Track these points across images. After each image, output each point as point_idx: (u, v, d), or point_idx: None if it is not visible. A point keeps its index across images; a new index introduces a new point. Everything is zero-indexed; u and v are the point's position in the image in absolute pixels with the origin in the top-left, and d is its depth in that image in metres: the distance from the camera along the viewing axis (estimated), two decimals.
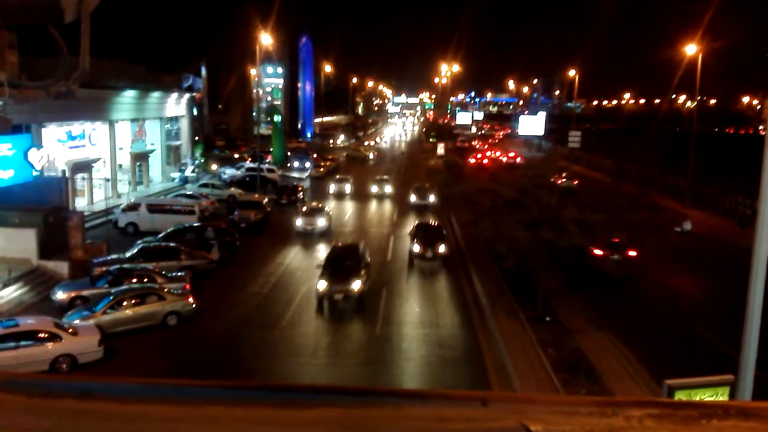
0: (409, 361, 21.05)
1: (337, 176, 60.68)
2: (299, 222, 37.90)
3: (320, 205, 41.69)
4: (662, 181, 56.16)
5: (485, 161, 73.01)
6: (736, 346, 10.60)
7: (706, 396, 11.03)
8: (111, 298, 22.64)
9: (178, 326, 23.02)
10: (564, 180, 35.68)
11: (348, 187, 55.51)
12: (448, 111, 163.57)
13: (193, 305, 23.91)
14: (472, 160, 73.35)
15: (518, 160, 71.31)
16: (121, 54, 53.03)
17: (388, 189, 55.29)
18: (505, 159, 77.12)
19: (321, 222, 38.09)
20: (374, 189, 55.30)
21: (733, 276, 27.03)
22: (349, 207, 50.33)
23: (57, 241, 29.06)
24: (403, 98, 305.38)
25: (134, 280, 24.80)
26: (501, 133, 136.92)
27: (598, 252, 28.24)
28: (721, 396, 11.03)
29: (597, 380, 18.80)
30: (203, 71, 76.06)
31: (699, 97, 59.50)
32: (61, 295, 24.56)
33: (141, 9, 76.02)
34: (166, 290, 23.88)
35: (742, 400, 10.68)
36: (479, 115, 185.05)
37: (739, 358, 10.63)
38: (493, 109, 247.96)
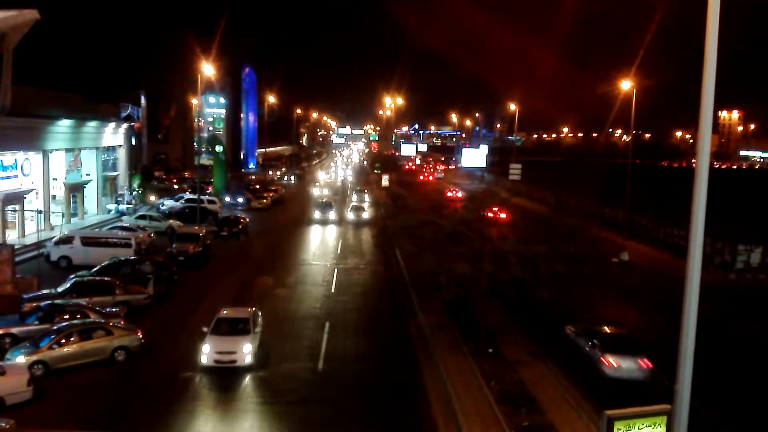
0: (353, 398, 20.60)
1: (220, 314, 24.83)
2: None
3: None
4: (600, 213, 57.49)
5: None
6: (673, 376, 10.73)
7: (644, 426, 11.08)
8: (56, 332, 21.74)
9: (127, 361, 22.40)
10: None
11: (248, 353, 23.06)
12: (393, 143, 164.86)
13: (142, 340, 23.30)
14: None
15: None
16: (57, 83, 51.85)
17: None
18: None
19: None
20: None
21: (669, 305, 27.72)
22: None
23: None
24: (347, 130, 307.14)
25: (66, 317, 23.81)
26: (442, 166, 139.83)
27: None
28: (658, 426, 11.10)
29: (539, 412, 18.83)
30: (143, 100, 74.86)
31: (634, 132, 61.44)
32: None
33: (79, 37, 74.80)
34: (113, 324, 23.11)
35: (678, 429, 10.80)
36: (423, 147, 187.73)
37: (675, 388, 10.75)
38: (437, 141, 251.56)
